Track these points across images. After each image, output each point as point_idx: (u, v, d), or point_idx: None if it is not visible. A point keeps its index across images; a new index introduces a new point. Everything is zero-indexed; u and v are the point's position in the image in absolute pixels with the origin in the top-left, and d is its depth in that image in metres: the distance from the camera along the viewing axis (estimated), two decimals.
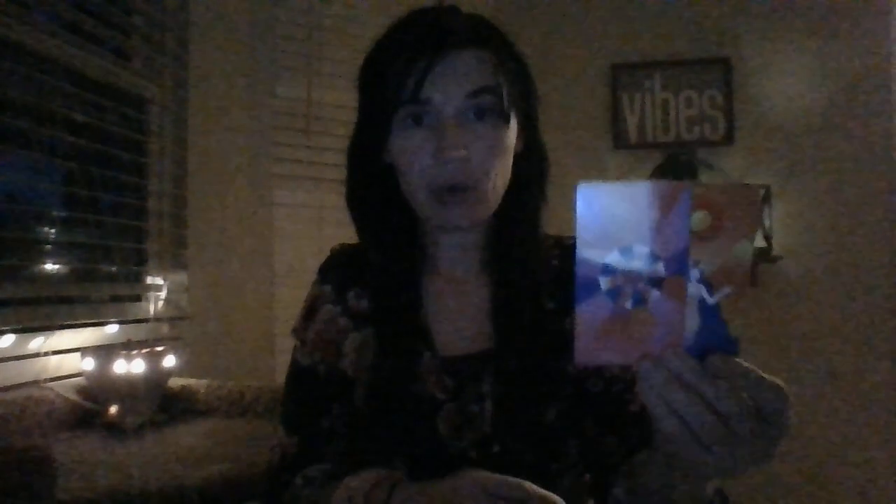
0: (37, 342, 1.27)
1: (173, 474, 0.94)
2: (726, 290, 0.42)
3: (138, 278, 1.62)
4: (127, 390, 1.23)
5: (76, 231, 1.46)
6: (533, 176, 0.72)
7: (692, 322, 0.43)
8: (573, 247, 0.41)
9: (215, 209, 1.78)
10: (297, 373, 0.76)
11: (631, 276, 0.42)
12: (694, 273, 0.42)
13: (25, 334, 1.25)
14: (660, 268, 0.42)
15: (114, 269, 1.51)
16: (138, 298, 1.61)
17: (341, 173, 0.74)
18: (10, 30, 1.21)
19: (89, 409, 1.24)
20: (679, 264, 0.42)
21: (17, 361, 1.21)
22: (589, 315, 0.42)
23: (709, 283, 0.42)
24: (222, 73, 1.81)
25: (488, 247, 0.74)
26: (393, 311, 0.72)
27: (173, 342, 1.53)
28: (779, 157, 2.34)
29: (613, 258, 0.42)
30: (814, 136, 2.32)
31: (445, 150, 0.63)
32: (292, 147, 1.97)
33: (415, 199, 0.68)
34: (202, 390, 1.41)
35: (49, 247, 1.43)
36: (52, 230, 1.43)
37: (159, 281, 1.64)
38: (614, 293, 0.42)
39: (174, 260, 1.67)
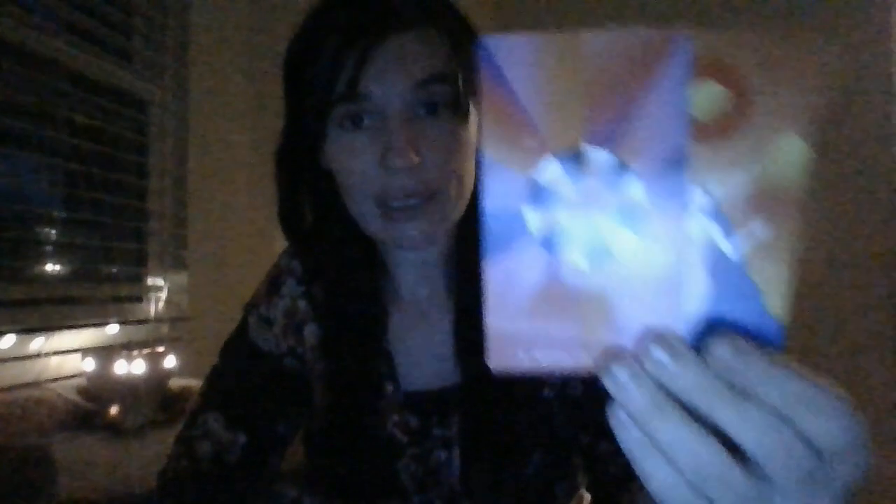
0: (37, 343, 1.26)
1: None
2: (760, 230, 0.23)
3: (139, 279, 1.62)
4: (127, 391, 1.23)
5: (77, 232, 1.46)
6: None
7: (698, 289, 0.24)
8: None
9: (215, 209, 1.77)
10: (254, 356, 0.65)
11: (583, 203, 0.24)
12: (700, 198, 0.23)
13: (26, 335, 1.24)
14: (635, 188, 0.24)
15: (114, 269, 1.51)
16: (139, 299, 1.61)
17: None
18: (11, 31, 1.21)
19: (90, 409, 1.24)
20: (672, 182, 0.23)
21: (17, 362, 1.21)
22: (508, 278, 0.25)
23: (727, 220, 0.23)
24: (223, 74, 1.81)
25: (450, 264, 0.62)
26: (352, 339, 0.61)
27: (174, 343, 1.53)
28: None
29: (547, 171, 0.24)
30: (814, 136, 2.32)
31: (392, 155, 0.51)
32: None
33: (359, 215, 0.56)
34: None
35: (50, 247, 1.43)
36: (53, 231, 1.43)
37: (160, 282, 1.64)
38: (553, 237, 0.24)
39: (174, 260, 1.67)
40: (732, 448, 0.24)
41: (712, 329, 0.24)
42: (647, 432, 0.25)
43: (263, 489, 0.62)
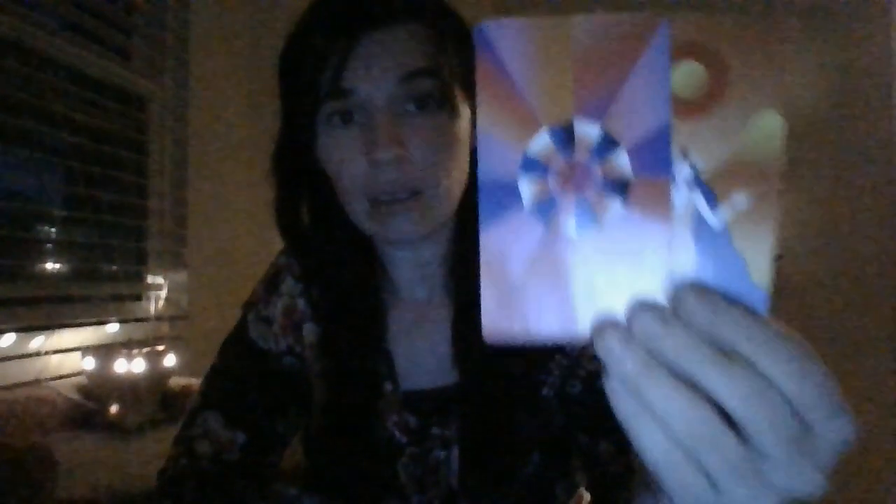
0: (37, 341, 1.26)
1: None
2: (741, 200, 0.24)
3: (139, 277, 1.62)
4: (127, 389, 1.23)
5: (77, 230, 1.46)
6: None
7: (683, 258, 0.25)
8: None
9: (215, 209, 1.77)
10: (253, 355, 0.65)
11: (573, 174, 0.25)
12: (684, 171, 0.24)
13: (26, 333, 1.24)
14: (622, 161, 0.25)
15: (114, 268, 1.51)
16: (139, 297, 1.61)
17: None
18: (11, 29, 1.21)
19: (90, 408, 1.24)
20: (657, 154, 0.24)
21: (17, 360, 1.21)
22: (502, 249, 0.26)
23: (710, 191, 0.24)
24: (223, 73, 1.81)
25: (447, 262, 0.62)
26: (350, 339, 0.61)
27: (174, 341, 1.53)
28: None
29: (540, 144, 0.25)
30: (814, 137, 2.32)
31: (376, 149, 0.51)
32: None
33: (352, 212, 0.56)
34: None
35: (49, 246, 1.43)
36: (53, 229, 1.43)
37: (160, 280, 1.64)
38: (545, 208, 0.25)
39: (174, 259, 1.67)
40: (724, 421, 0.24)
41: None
42: (640, 398, 0.25)
43: (263, 489, 0.62)
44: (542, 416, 0.58)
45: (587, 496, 0.66)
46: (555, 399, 0.59)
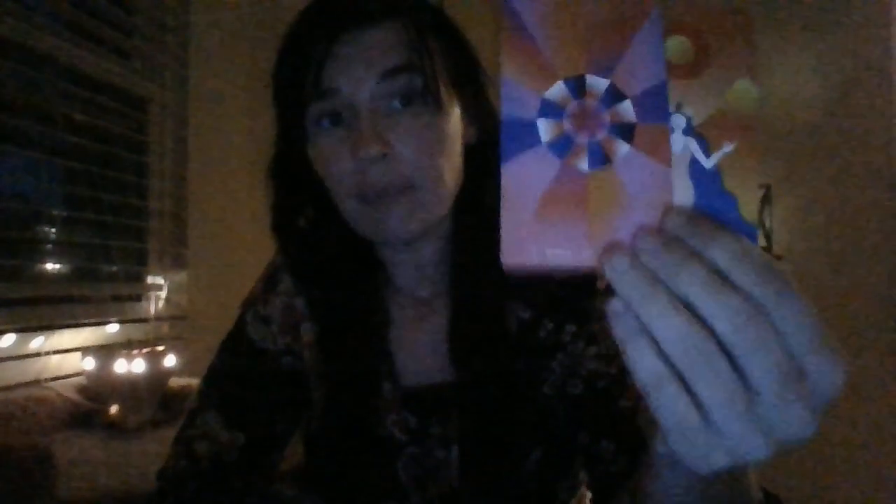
0: (37, 342, 1.26)
1: None
2: (728, 146, 0.29)
3: (139, 278, 1.62)
4: (127, 390, 1.23)
5: (77, 230, 1.46)
6: (491, 169, 0.59)
7: (682, 194, 0.28)
8: None
9: (215, 209, 1.77)
10: (252, 354, 0.65)
11: (586, 118, 0.29)
12: (678, 121, 0.29)
13: (26, 334, 1.24)
14: (627, 109, 0.29)
15: (114, 268, 1.51)
16: (139, 298, 1.61)
17: None
18: (11, 29, 1.21)
19: (90, 408, 1.24)
20: (656, 106, 0.29)
21: (17, 361, 1.21)
22: (521, 182, 0.28)
23: (702, 137, 0.29)
24: (223, 73, 1.81)
25: (446, 261, 0.62)
26: (349, 338, 0.61)
27: (174, 342, 1.53)
28: (778, 157, 2.34)
29: (557, 91, 0.29)
30: (814, 136, 2.32)
31: (359, 146, 0.51)
32: None
33: (344, 211, 0.57)
34: None
35: (50, 246, 1.43)
36: (53, 230, 1.43)
37: (160, 280, 1.64)
38: (561, 146, 0.29)
39: (175, 259, 1.67)
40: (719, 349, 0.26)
41: None
42: (641, 318, 0.26)
43: (263, 489, 0.62)
44: (542, 414, 0.58)
45: (588, 495, 0.66)
46: (556, 398, 0.59)
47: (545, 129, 0.29)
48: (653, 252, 0.26)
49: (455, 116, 0.57)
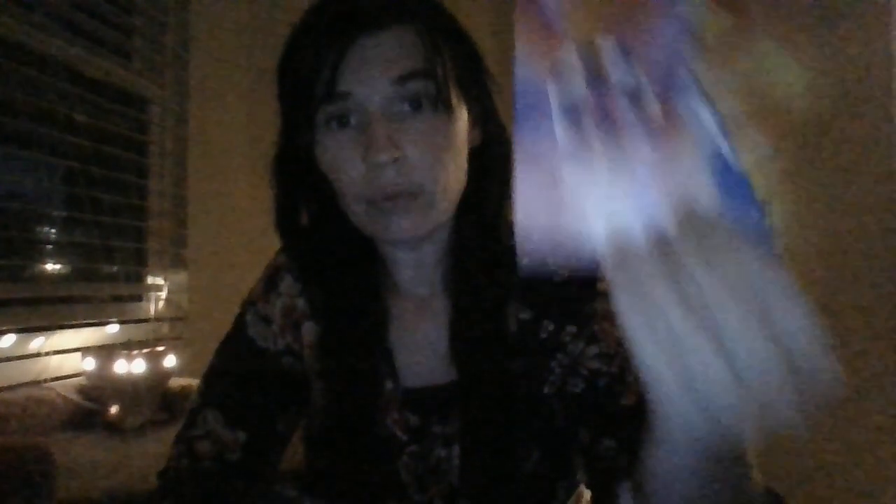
0: (37, 342, 1.27)
1: None
2: (763, 147, 0.28)
3: (139, 278, 1.62)
4: (127, 390, 1.23)
5: (77, 231, 1.46)
6: (494, 172, 0.60)
7: (705, 197, 0.28)
8: None
9: (215, 209, 1.77)
10: (252, 354, 0.65)
11: (598, 84, 0.27)
12: (704, 115, 0.27)
13: (26, 334, 1.25)
14: (640, 80, 0.27)
15: (114, 268, 1.51)
16: (139, 298, 1.61)
17: None
18: (11, 30, 1.21)
19: (90, 408, 1.24)
20: (672, 76, 0.27)
21: (17, 361, 1.21)
22: (534, 144, 0.28)
23: (731, 135, 0.27)
24: (223, 73, 1.81)
25: (446, 260, 0.62)
26: (350, 337, 0.61)
27: (174, 342, 1.53)
28: (778, 157, 2.34)
29: (568, 53, 0.28)
30: (814, 136, 2.32)
31: (373, 151, 0.52)
32: None
33: (351, 213, 0.57)
34: None
35: (50, 246, 1.43)
36: (53, 230, 1.43)
37: (160, 281, 1.64)
38: (572, 111, 0.28)
39: (174, 260, 1.67)
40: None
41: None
42: (644, 301, 0.27)
43: (263, 489, 0.62)
44: (542, 414, 0.58)
45: (587, 494, 0.66)
46: (556, 397, 0.59)
47: (556, 92, 0.28)
48: (661, 241, 0.27)
49: (462, 120, 0.57)
